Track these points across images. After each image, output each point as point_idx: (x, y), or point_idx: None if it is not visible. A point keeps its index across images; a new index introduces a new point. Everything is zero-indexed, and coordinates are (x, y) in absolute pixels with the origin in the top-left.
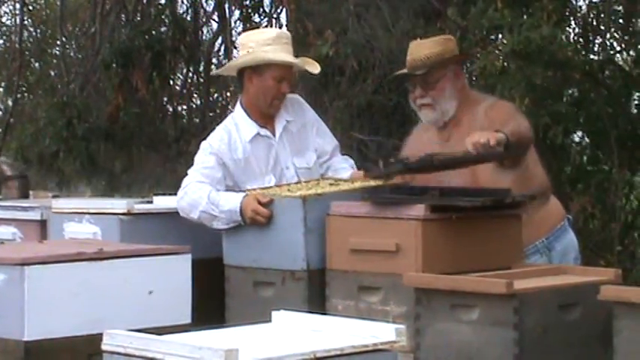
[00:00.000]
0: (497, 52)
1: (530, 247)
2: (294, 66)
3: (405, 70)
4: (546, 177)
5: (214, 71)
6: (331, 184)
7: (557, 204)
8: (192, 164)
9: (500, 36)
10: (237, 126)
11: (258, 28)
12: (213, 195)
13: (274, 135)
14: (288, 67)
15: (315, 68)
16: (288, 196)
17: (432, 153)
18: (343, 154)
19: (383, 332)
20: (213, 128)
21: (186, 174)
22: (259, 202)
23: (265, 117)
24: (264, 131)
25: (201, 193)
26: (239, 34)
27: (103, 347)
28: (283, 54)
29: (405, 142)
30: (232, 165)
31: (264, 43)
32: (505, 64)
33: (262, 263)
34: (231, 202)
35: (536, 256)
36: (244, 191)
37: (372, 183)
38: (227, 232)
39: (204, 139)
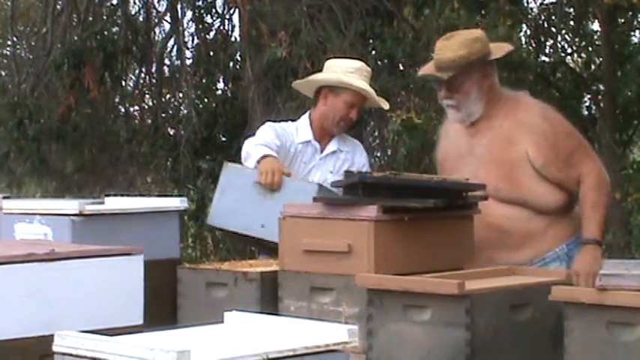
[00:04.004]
0: None
1: (551, 254)
2: (368, 98)
3: (430, 72)
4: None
5: (294, 83)
6: None
7: (579, 212)
8: (142, 164)
9: None
10: (297, 127)
11: (211, 29)
12: (257, 146)
13: (322, 152)
14: (362, 96)
15: (385, 105)
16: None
17: (395, 173)
18: None
19: (335, 333)
20: (166, 129)
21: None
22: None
23: (324, 136)
24: (315, 143)
25: (256, 142)
26: (191, 34)
27: (54, 349)
28: (363, 82)
29: (438, 132)
30: (284, 153)
31: (347, 70)
32: None
33: (254, 231)
34: (263, 149)
35: (556, 263)
36: None
37: None
38: (222, 193)
39: (156, 140)
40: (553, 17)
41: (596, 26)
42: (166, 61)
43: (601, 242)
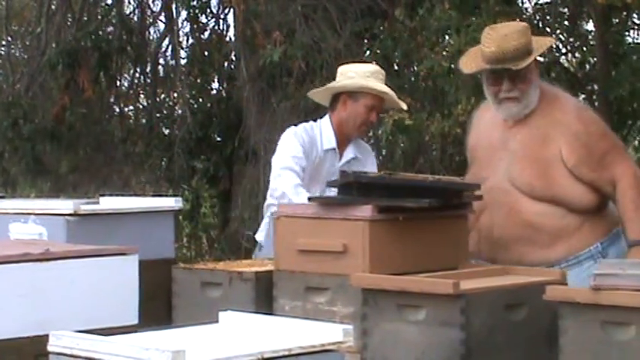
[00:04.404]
0: (445, 53)
1: (584, 253)
2: (386, 99)
3: (481, 67)
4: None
5: (309, 92)
6: None
7: (612, 210)
8: (137, 164)
9: (447, 37)
10: (321, 132)
11: (205, 29)
12: (296, 188)
13: (340, 159)
14: (380, 99)
15: (403, 105)
16: None
17: (390, 172)
18: None
19: (330, 333)
20: (160, 129)
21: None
22: None
23: (343, 141)
24: (337, 150)
25: (290, 181)
26: (186, 34)
27: (50, 348)
28: (382, 85)
29: (469, 122)
30: (309, 163)
31: (363, 75)
32: (452, 65)
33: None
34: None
35: (590, 262)
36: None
37: None
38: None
39: (151, 140)
40: (548, 17)
41: (590, 26)
42: (161, 61)
43: None
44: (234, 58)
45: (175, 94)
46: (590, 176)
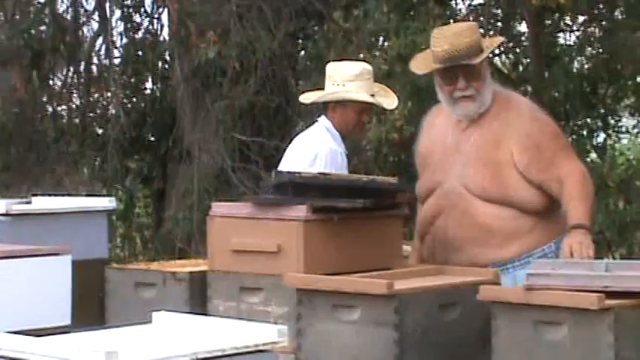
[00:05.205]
0: (383, 55)
1: (538, 251)
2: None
3: (430, 67)
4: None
5: (302, 99)
6: None
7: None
8: (70, 164)
9: (382, 39)
10: (334, 137)
11: (139, 28)
12: None
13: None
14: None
15: (391, 104)
16: None
17: (324, 173)
18: None
19: (264, 333)
20: (94, 129)
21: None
22: None
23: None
24: (344, 155)
25: None
26: (120, 33)
27: None
28: (364, 93)
29: (419, 129)
30: None
31: (348, 79)
32: (389, 68)
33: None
34: None
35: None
36: None
37: None
38: None
39: (84, 140)
40: (481, 18)
41: (523, 27)
42: (94, 60)
43: (590, 229)
44: (168, 58)
45: (109, 94)
46: (540, 177)
